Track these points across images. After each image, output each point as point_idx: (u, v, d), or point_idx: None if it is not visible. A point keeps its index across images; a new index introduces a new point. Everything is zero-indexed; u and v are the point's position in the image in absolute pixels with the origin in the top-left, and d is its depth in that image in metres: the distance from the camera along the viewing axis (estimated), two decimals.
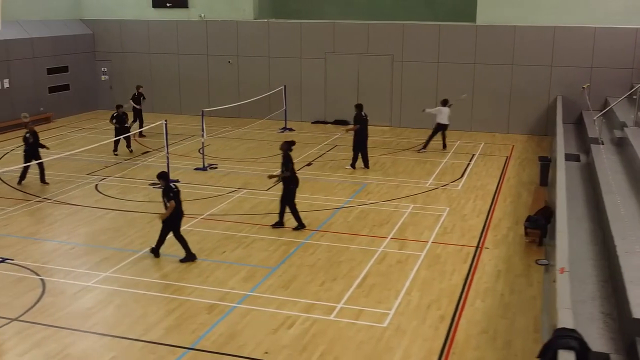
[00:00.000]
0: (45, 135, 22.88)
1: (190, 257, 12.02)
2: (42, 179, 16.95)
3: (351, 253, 12.43)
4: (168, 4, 26.43)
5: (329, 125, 25.02)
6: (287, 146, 13.75)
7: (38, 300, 10.45)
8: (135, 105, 22.59)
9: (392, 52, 24.25)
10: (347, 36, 24.65)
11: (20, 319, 9.87)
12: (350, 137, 19.02)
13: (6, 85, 23.42)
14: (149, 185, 16.85)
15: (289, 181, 13.68)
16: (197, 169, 18.44)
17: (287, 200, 13.69)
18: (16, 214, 14.74)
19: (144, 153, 20.42)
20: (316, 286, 10.99)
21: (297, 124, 24.79)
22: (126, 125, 19.90)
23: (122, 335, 9.41)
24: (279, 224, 13.76)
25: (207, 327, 9.61)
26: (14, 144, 21.13)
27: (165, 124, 17.26)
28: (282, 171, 13.65)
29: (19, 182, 16.90)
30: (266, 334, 9.42)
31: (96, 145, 18.21)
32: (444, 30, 23.59)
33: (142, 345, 9.12)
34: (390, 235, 13.31)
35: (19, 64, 24.03)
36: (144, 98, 23.00)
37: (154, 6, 26.66)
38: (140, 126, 22.58)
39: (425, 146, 20.55)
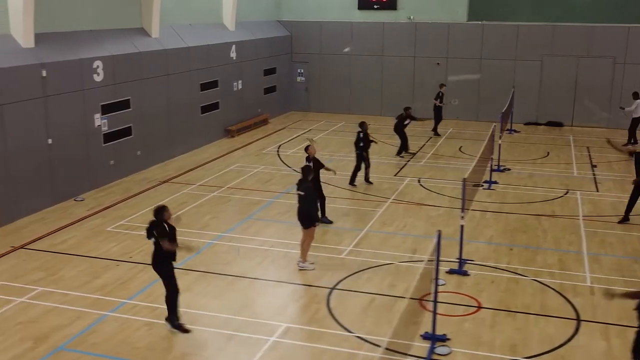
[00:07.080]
0: (282, 138, 22.88)
1: None
2: (367, 178, 17.16)
3: None
4: (375, 6, 26.53)
5: (542, 127, 25.24)
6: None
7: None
8: (437, 103, 23.25)
9: (614, 54, 24.44)
10: (567, 38, 24.82)
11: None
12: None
13: (240, 86, 23.44)
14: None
15: None
16: (493, 170, 18.54)
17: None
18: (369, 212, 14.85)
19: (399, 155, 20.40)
20: None
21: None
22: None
23: None
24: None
25: None
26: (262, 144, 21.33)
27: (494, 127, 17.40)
28: None
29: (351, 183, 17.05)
30: None
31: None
32: None
33: None
34: None
35: (248, 65, 24.06)
36: (441, 97, 23.40)
37: (359, 8, 26.74)
38: (436, 125, 23.32)
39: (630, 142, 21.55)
